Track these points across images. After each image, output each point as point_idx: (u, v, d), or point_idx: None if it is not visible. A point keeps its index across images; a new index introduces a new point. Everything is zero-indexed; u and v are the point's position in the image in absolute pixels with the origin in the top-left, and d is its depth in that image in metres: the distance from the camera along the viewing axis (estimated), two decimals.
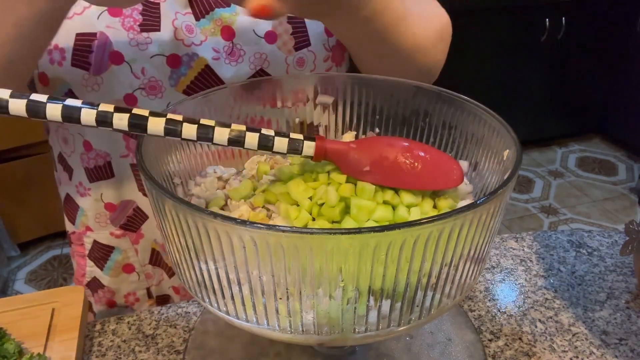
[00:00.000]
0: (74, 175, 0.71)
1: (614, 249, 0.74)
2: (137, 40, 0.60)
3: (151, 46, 0.61)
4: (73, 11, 0.59)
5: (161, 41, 0.61)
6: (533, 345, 0.60)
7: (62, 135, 0.69)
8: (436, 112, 0.53)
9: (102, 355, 0.59)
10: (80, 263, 0.77)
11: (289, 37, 0.63)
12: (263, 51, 0.63)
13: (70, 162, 0.70)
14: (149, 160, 0.44)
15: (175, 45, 0.61)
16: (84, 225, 0.73)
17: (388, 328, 0.40)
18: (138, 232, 0.72)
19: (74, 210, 0.74)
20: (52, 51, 0.61)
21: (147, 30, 0.60)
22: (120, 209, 0.71)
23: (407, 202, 0.44)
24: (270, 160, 0.55)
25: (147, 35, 0.60)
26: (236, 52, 0.63)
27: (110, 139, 0.66)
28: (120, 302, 0.78)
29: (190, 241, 0.38)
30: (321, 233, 0.34)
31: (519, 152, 0.43)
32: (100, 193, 0.70)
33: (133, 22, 0.60)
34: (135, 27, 0.60)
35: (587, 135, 3.02)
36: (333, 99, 0.57)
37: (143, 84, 0.62)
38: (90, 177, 0.69)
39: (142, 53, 0.61)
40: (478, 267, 0.43)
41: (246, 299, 0.39)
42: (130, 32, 0.60)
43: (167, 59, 0.61)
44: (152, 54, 0.61)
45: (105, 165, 0.68)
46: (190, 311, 0.64)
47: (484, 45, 2.50)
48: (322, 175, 0.46)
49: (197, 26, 0.62)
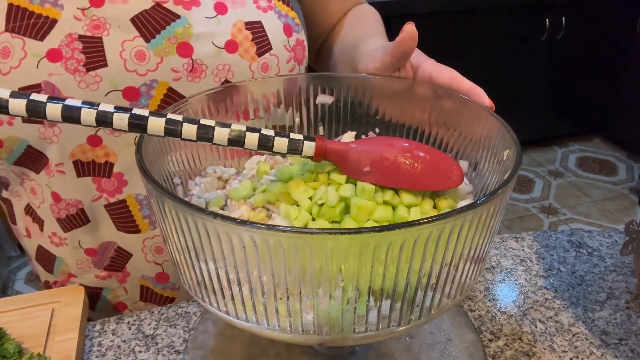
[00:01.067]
0: (46, 226, 0.67)
1: (614, 249, 0.74)
2: (86, 81, 0.57)
3: (102, 84, 0.57)
4: (9, 65, 0.55)
5: (112, 76, 0.57)
6: (533, 345, 0.60)
7: (30, 185, 0.65)
8: (436, 112, 0.53)
9: (102, 355, 0.59)
10: None
11: (250, 44, 0.62)
12: (225, 62, 0.61)
13: (39, 213, 0.67)
14: (149, 160, 0.44)
15: (128, 78, 0.58)
16: (65, 273, 0.70)
17: (388, 328, 0.40)
18: (124, 271, 0.70)
19: (50, 261, 0.70)
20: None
21: (93, 69, 0.57)
22: (102, 252, 0.68)
23: (407, 202, 0.44)
24: (270, 160, 0.55)
25: (95, 73, 0.57)
26: (197, 67, 0.60)
27: (79, 186, 0.63)
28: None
29: (190, 241, 0.38)
30: (321, 233, 0.34)
31: (519, 152, 0.43)
32: (77, 240, 0.67)
33: (77, 64, 0.56)
34: (80, 68, 0.56)
35: (587, 135, 3.03)
36: (333, 99, 0.57)
37: None
38: (64, 227, 0.66)
39: (94, 93, 0.57)
40: (478, 267, 0.43)
41: (246, 299, 0.39)
42: (77, 75, 0.56)
43: (122, 93, 0.58)
44: (106, 91, 0.58)
45: (77, 212, 0.65)
46: (190, 311, 0.64)
47: (484, 45, 2.50)
48: (322, 176, 0.46)
49: (148, 49, 0.58)
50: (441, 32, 2.38)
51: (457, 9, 2.36)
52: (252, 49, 0.62)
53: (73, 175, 0.62)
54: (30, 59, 0.56)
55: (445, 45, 2.45)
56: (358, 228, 0.41)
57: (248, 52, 0.62)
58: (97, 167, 0.62)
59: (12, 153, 0.60)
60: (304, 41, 0.69)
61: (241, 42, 0.61)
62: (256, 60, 0.62)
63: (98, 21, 0.57)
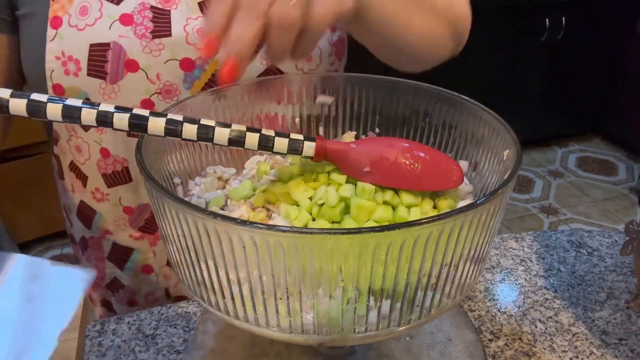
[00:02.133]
0: (89, 182, 0.71)
1: (614, 249, 0.74)
2: (150, 47, 0.61)
3: (164, 52, 0.61)
4: (85, 22, 0.60)
5: (173, 46, 0.61)
6: (533, 345, 0.60)
7: (75, 143, 0.69)
8: (436, 112, 0.53)
9: (102, 355, 0.59)
10: (98, 266, 0.77)
11: None
12: None
13: (84, 169, 0.70)
14: (149, 160, 0.44)
15: (187, 50, 0.62)
16: (103, 229, 0.74)
17: (388, 328, 0.40)
18: (156, 234, 0.73)
19: (89, 216, 0.74)
20: (66, 62, 0.61)
21: (159, 37, 0.61)
22: (138, 212, 0.72)
23: (407, 203, 0.44)
24: (270, 160, 0.55)
25: (160, 41, 0.61)
26: None
27: (128, 145, 0.66)
28: (141, 301, 0.79)
29: (190, 241, 0.38)
30: (321, 233, 0.35)
31: (519, 152, 0.43)
32: (118, 197, 0.71)
33: (145, 30, 0.61)
34: (147, 34, 0.61)
35: (587, 135, 3.02)
36: (333, 99, 0.57)
37: (159, 89, 0.63)
38: (108, 182, 0.70)
39: (155, 59, 0.62)
40: (478, 267, 0.43)
41: (246, 299, 0.39)
42: (143, 40, 0.61)
43: (180, 62, 0.62)
44: (166, 59, 0.62)
45: (123, 170, 0.68)
46: (190, 311, 0.64)
47: (484, 45, 2.50)
48: (322, 176, 0.46)
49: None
50: None
51: None
52: None
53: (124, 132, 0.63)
54: (105, 20, 0.61)
55: None
56: (358, 228, 0.41)
57: None
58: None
59: None
60: (344, 39, 0.71)
61: None
62: None
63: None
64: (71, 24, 0.61)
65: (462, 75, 2.41)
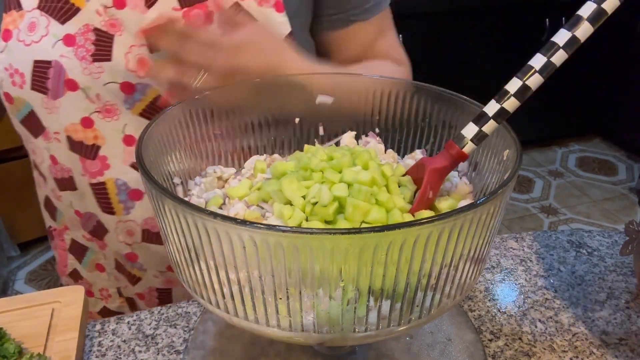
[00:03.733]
0: (48, 182, 0.74)
1: (614, 249, 0.74)
2: (90, 69, 0.62)
3: (103, 75, 0.62)
4: (31, 39, 0.62)
5: (112, 70, 0.62)
6: (533, 345, 0.60)
7: (31, 147, 0.71)
8: (436, 112, 0.53)
9: (102, 355, 0.59)
10: (62, 255, 0.82)
11: None
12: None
13: (42, 170, 0.73)
14: (149, 160, 0.44)
15: (127, 75, 0.63)
16: (64, 223, 0.78)
17: (388, 328, 0.40)
18: (102, 241, 0.75)
19: (53, 209, 0.78)
20: (13, 74, 0.64)
21: (99, 60, 0.62)
22: (86, 219, 0.74)
23: (401, 206, 0.44)
24: (267, 158, 0.55)
25: (99, 64, 0.62)
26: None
27: (70, 158, 0.68)
28: (97, 295, 0.82)
29: (190, 241, 0.38)
30: (321, 233, 0.34)
31: (519, 152, 0.43)
32: (69, 201, 0.73)
33: (85, 52, 0.62)
34: (87, 57, 0.62)
35: (587, 135, 3.03)
36: (333, 99, 0.57)
37: (99, 108, 0.64)
38: (60, 186, 0.72)
39: (95, 81, 0.63)
40: (478, 267, 0.43)
41: (246, 299, 0.39)
42: (83, 62, 0.62)
43: (120, 85, 0.63)
44: (105, 81, 0.63)
45: (69, 178, 0.70)
46: (190, 311, 0.64)
47: (484, 45, 2.50)
48: (316, 174, 0.45)
49: (151, 59, 0.63)
50: (441, 32, 2.38)
51: (457, 9, 2.36)
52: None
53: (66, 146, 0.67)
54: (50, 38, 0.62)
55: (445, 45, 2.45)
56: (358, 228, 0.41)
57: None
58: (84, 148, 0.67)
59: (19, 112, 0.66)
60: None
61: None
62: None
63: (115, 21, 0.62)
64: (19, 38, 0.62)
65: (462, 75, 2.41)
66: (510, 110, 0.43)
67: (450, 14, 2.36)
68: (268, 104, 0.57)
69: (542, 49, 0.41)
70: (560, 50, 0.41)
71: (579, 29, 0.40)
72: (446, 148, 0.46)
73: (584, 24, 0.40)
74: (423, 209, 0.45)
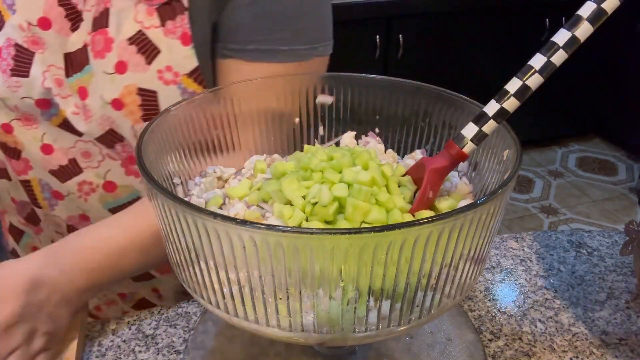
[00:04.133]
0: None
1: (614, 249, 0.74)
2: (9, 82, 0.64)
3: (21, 89, 0.64)
4: None
5: (29, 87, 0.63)
6: (533, 345, 0.60)
7: None
8: (436, 112, 0.53)
9: (102, 355, 0.59)
10: (4, 234, 0.85)
11: (137, 108, 0.63)
12: (110, 115, 0.64)
13: None
14: (149, 160, 0.44)
15: (43, 92, 0.64)
16: (3, 206, 0.81)
17: (388, 328, 0.40)
18: (38, 226, 0.77)
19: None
20: None
21: (17, 76, 0.63)
22: (20, 207, 0.77)
23: (400, 206, 0.44)
24: (268, 158, 0.55)
25: (17, 79, 0.63)
26: (88, 111, 0.64)
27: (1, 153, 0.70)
28: None
29: (190, 241, 0.38)
30: (321, 233, 0.34)
31: (519, 152, 0.43)
32: (7, 188, 0.76)
33: (6, 66, 0.63)
34: (7, 70, 0.63)
35: (587, 135, 3.02)
36: (333, 99, 0.57)
37: (19, 116, 0.66)
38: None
39: (13, 94, 0.64)
40: (478, 267, 0.43)
41: (246, 299, 0.39)
42: (4, 75, 0.63)
43: (35, 101, 0.64)
44: (22, 95, 0.64)
45: (3, 169, 0.73)
46: (190, 311, 0.64)
47: (484, 45, 2.50)
48: (316, 174, 0.45)
49: (65, 81, 0.64)
50: (441, 32, 2.38)
51: (457, 9, 2.36)
52: (138, 112, 0.64)
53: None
54: None
55: (445, 45, 2.45)
56: (358, 228, 0.41)
57: (133, 114, 0.64)
58: (8, 149, 0.70)
59: None
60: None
61: (127, 104, 0.63)
62: (140, 124, 0.64)
63: (38, 39, 0.63)
64: None
65: (462, 75, 2.41)
66: (510, 110, 0.43)
67: (450, 14, 2.36)
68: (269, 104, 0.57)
69: (542, 49, 0.41)
70: (560, 50, 0.41)
71: (579, 29, 0.40)
72: (446, 148, 0.46)
73: (583, 24, 0.40)
74: (423, 209, 0.45)
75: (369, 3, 2.20)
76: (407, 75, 0.54)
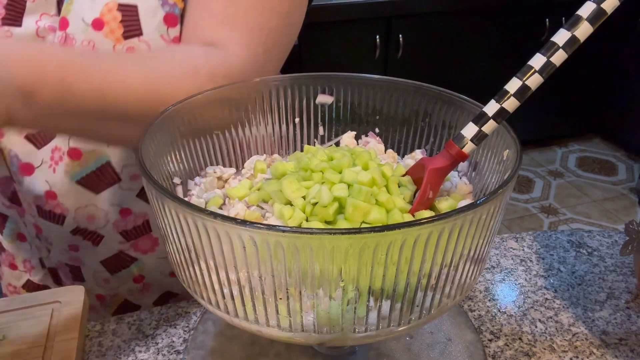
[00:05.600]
0: None
1: (614, 249, 0.74)
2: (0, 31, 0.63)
3: (11, 40, 0.62)
4: None
5: (21, 36, 0.63)
6: (533, 345, 0.60)
7: None
8: (436, 112, 0.53)
9: (102, 355, 0.59)
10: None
11: (117, 25, 0.62)
12: (91, 38, 0.62)
13: None
14: (149, 160, 0.44)
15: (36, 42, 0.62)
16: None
17: (388, 328, 0.40)
18: (22, 206, 0.75)
19: None
20: None
21: (8, 25, 0.63)
22: (3, 185, 0.74)
23: (400, 206, 0.44)
24: (268, 158, 0.55)
25: (8, 29, 0.63)
26: (69, 41, 0.63)
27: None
28: (21, 267, 0.81)
29: (190, 241, 0.38)
30: (321, 233, 0.34)
31: (519, 152, 0.43)
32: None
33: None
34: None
35: (587, 135, 3.03)
36: (333, 98, 0.57)
37: None
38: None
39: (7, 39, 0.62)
40: (478, 267, 0.43)
41: (246, 299, 0.39)
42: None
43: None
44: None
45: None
46: (190, 311, 0.64)
47: (484, 45, 2.50)
48: (316, 174, 0.45)
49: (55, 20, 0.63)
50: (441, 32, 2.38)
51: (457, 9, 2.36)
52: (119, 30, 0.62)
53: None
54: None
55: (445, 45, 2.45)
56: (358, 228, 0.41)
57: (114, 32, 0.62)
58: None
59: None
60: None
61: (108, 22, 0.62)
62: (121, 42, 0.62)
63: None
64: None
65: (462, 75, 2.41)
66: (510, 110, 0.43)
67: (450, 14, 2.36)
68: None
69: (542, 49, 0.41)
70: (560, 50, 0.41)
71: (579, 28, 0.40)
72: (446, 148, 0.46)
73: (583, 23, 0.40)
74: (423, 209, 0.45)
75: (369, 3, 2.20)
76: (407, 75, 0.54)
